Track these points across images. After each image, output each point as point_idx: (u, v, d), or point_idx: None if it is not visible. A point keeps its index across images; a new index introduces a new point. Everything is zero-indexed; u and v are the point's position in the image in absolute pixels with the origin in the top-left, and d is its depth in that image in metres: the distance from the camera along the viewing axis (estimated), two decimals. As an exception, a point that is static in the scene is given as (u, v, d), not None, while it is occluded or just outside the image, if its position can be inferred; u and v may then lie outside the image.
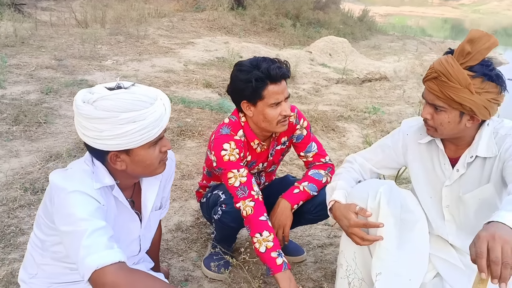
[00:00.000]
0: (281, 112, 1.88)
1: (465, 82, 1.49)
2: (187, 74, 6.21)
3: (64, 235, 1.31)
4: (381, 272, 1.59)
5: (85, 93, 1.35)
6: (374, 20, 15.75)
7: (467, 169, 1.67)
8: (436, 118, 1.59)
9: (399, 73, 8.25)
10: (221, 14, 11.25)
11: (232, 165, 1.91)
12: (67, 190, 1.31)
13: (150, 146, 1.39)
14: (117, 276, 1.23)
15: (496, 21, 26.75)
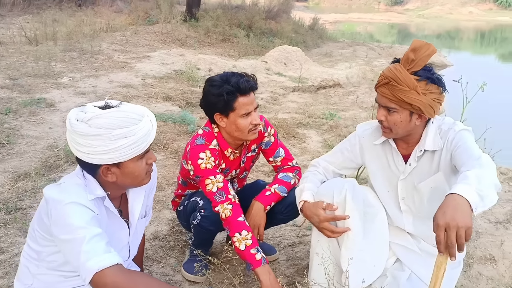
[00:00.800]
0: (252, 121, 2.04)
1: (412, 85, 1.71)
2: (145, 88, 6.25)
3: (63, 244, 1.41)
4: (352, 257, 1.77)
5: (78, 112, 1.46)
6: (325, 28, 16.25)
7: (418, 162, 1.89)
8: (390, 119, 1.80)
9: (351, 79, 8.61)
10: (175, 26, 11.32)
11: (209, 173, 2.04)
12: (64, 202, 1.41)
13: (138, 159, 1.53)
14: (117, 276, 1.36)
15: (440, 24, 28.16)
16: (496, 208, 2.81)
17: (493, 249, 2.43)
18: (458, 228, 1.34)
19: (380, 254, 1.94)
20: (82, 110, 1.47)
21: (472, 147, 1.71)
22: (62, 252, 1.47)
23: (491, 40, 22.46)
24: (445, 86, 1.81)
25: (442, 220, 1.37)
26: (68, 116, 1.47)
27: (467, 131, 1.80)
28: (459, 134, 1.78)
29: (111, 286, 1.36)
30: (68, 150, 3.57)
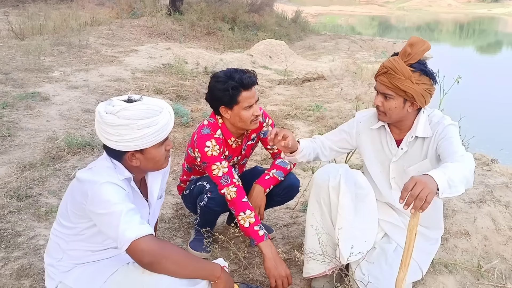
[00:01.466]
0: (253, 113, 2.27)
1: (408, 74, 1.96)
2: (136, 82, 6.39)
3: (101, 217, 1.61)
4: (342, 227, 2.01)
5: (105, 105, 1.66)
6: (307, 20, 16.48)
7: (409, 147, 2.13)
8: (386, 104, 2.04)
9: (334, 72, 8.87)
10: (160, 20, 11.42)
11: (214, 159, 2.27)
12: (100, 182, 1.61)
13: (159, 146, 1.73)
14: (151, 244, 1.59)
15: (419, 17, 28.71)
16: (471, 189, 3.07)
17: (467, 225, 2.70)
18: (424, 187, 1.58)
19: (370, 230, 2.17)
20: (109, 104, 1.67)
21: (457, 143, 1.96)
22: (99, 226, 1.66)
23: (469, 32, 23.04)
24: (436, 79, 2.06)
25: (412, 178, 1.62)
26: (97, 109, 1.67)
27: (454, 126, 2.05)
28: (447, 128, 2.02)
29: (146, 252, 1.57)
30: (69, 142, 3.74)
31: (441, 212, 2.35)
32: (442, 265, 2.41)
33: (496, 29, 26.01)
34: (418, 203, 1.58)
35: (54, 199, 2.99)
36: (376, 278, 2.00)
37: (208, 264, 1.77)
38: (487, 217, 2.77)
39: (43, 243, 2.52)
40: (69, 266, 1.81)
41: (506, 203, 2.93)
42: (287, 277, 2.17)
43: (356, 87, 7.03)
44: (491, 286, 2.34)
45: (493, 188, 3.08)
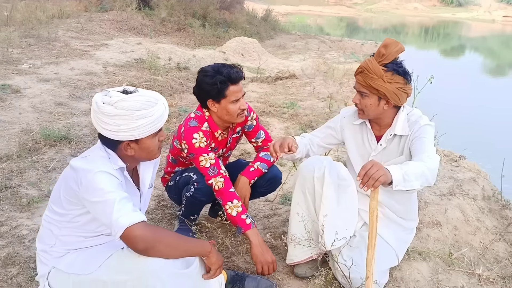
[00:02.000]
0: (240, 107, 2.33)
1: (379, 73, 2.07)
2: (108, 76, 6.34)
3: (95, 205, 1.64)
4: (327, 214, 2.10)
5: (102, 96, 1.69)
6: (277, 19, 16.59)
7: (388, 144, 2.25)
8: (362, 102, 2.15)
9: (306, 71, 9.02)
10: (130, 14, 11.28)
11: (202, 151, 2.32)
12: (94, 171, 1.64)
13: (153, 136, 1.78)
14: (144, 230, 1.63)
15: (386, 19, 29.38)
16: (441, 183, 3.25)
17: (438, 216, 2.85)
18: (378, 169, 1.75)
19: (351, 219, 2.28)
20: (106, 94, 1.70)
21: (427, 143, 2.09)
22: (93, 213, 1.69)
23: (434, 36, 23.78)
24: (410, 78, 2.17)
25: (371, 161, 1.80)
26: (94, 99, 1.70)
27: (430, 126, 2.17)
28: (422, 128, 2.15)
29: (140, 238, 1.61)
30: (45, 134, 3.69)
31: (416, 205, 2.48)
32: (416, 253, 2.54)
33: (459, 33, 26.98)
34: (370, 182, 1.76)
35: (34, 190, 2.96)
36: (357, 263, 2.10)
37: (198, 241, 1.87)
38: (457, 208, 2.94)
39: (27, 232, 2.51)
40: (62, 252, 1.83)
41: (474, 196, 3.11)
42: (272, 263, 2.27)
43: (328, 86, 7.18)
44: (461, 272, 2.49)
45: (461, 182, 3.26)
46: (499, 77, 14.76)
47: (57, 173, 3.24)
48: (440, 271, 2.47)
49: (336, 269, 2.23)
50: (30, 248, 2.38)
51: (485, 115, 8.57)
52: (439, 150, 3.92)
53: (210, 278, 1.88)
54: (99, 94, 1.72)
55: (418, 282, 2.37)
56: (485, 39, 24.77)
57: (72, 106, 4.80)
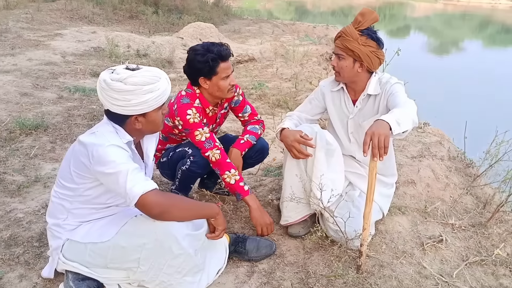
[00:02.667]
0: (230, 82, 2.44)
1: (355, 36, 2.28)
2: (69, 66, 6.22)
3: (109, 177, 1.72)
4: (324, 174, 2.27)
5: (109, 74, 1.76)
6: (229, 5, 16.58)
7: (363, 105, 2.44)
8: (339, 64, 2.36)
9: (264, 54, 9.12)
10: (80, 3, 11.00)
11: (197, 125, 2.41)
12: (105, 144, 1.72)
13: (158, 110, 1.87)
14: (158, 197, 1.74)
15: (334, 2, 29.96)
16: (411, 147, 3.50)
17: (412, 175, 3.10)
18: (379, 134, 1.90)
19: (339, 180, 2.45)
20: (113, 72, 1.77)
21: (402, 95, 2.29)
22: (106, 185, 1.77)
23: (381, 17, 24.49)
24: (382, 44, 2.37)
25: (369, 130, 1.93)
26: (102, 77, 1.76)
27: (399, 84, 2.38)
28: (394, 86, 2.36)
29: (154, 204, 1.71)
30: (20, 123, 3.64)
31: (394, 161, 2.69)
32: (396, 208, 2.77)
33: (404, 13, 27.96)
34: (381, 151, 1.89)
35: (21, 177, 2.96)
36: (347, 220, 2.28)
37: (207, 204, 2.02)
38: (428, 168, 3.19)
39: (22, 215, 2.53)
40: (74, 225, 1.90)
41: (441, 157, 3.38)
42: (270, 225, 2.44)
43: (289, 67, 7.35)
44: (437, 223, 2.74)
45: (429, 145, 3.53)
46: (443, 55, 15.51)
47: (40, 159, 3.23)
48: (418, 223, 2.70)
49: (328, 226, 2.40)
50: (29, 229, 2.40)
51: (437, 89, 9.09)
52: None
53: (214, 238, 2.02)
54: (104, 72, 1.79)
55: (401, 233, 2.59)
56: (429, 18, 25.79)
57: (38, 96, 4.71)
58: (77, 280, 1.88)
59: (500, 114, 7.08)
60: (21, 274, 2.08)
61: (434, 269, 2.34)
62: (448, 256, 2.46)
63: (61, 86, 5.18)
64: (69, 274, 1.91)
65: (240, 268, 2.23)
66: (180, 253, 1.83)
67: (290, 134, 2.35)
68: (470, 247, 2.57)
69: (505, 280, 2.33)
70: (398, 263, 2.34)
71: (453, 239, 2.60)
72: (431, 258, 2.43)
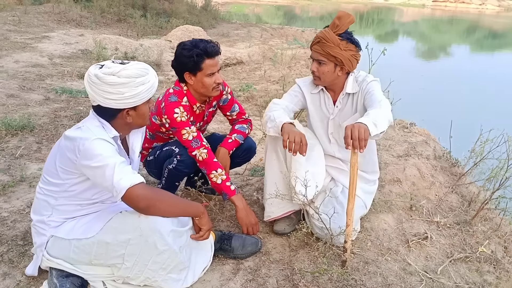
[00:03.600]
0: (215, 80, 2.43)
1: (336, 42, 2.29)
2: (56, 68, 6.18)
3: (96, 170, 1.72)
4: (308, 170, 2.27)
5: (98, 69, 1.76)
6: (218, 9, 16.62)
7: (342, 104, 2.47)
8: (320, 69, 2.37)
9: (252, 58, 9.15)
10: (68, 6, 10.94)
11: (184, 124, 2.41)
12: (91, 138, 1.71)
13: (147, 103, 1.88)
14: (145, 190, 1.75)
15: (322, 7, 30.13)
16: (397, 146, 3.54)
17: (398, 174, 3.13)
18: (359, 127, 1.94)
19: (319, 174, 2.45)
20: (102, 67, 1.77)
21: (377, 93, 2.33)
22: (92, 179, 1.76)
23: (369, 22, 24.73)
24: (360, 46, 2.41)
25: (347, 127, 1.97)
26: (91, 72, 1.76)
27: (376, 82, 2.41)
28: (370, 84, 2.39)
29: (141, 197, 1.72)
30: (6, 123, 3.61)
31: (375, 157, 2.70)
32: (381, 206, 2.79)
33: (392, 18, 28.22)
34: (361, 143, 1.94)
35: (6, 176, 2.93)
36: (332, 217, 2.29)
37: (193, 203, 2.02)
38: (414, 167, 3.23)
39: (7, 214, 2.50)
40: (59, 221, 1.89)
41: (427, 156, 3.42)
42: (256, 224, 2.45)
43: (277, 69, 7.39)
44: (422, 221, 2.77)
45: (415, 145, 3.57)
46: (431, 60, 15.66)
47: (26, 159, 3.20)
48: (403, 221, 2.73)
49: (312, 223, 2.41)
50: (14, 228, 2.38)
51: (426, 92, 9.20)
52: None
53: (198, 239, 2.02)
54: (92, 67, 1.79)
55: (386, 231, 2.61)
56: (417, 23, 26.04)
57: (25, 98, 4.67)
58: (61, 277, 1.87)
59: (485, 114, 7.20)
60: (5, 272, 2.06)
61: (419, 265, 2.36)
62: (433, 253, 2.49)
63: (48, 88, 5.15)
64: (53, 271, 1.90)
65: (226, 265, 2.23)
66: (165, 249, 1.83)
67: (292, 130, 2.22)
68: (455, 244, 2.60)
69: (489, 277, 2.36)
70: (383, 260, 2.36)
71: (438, 237, 2.63)
72: (416, 255, 2.46)
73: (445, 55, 17.15)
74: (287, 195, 2.38)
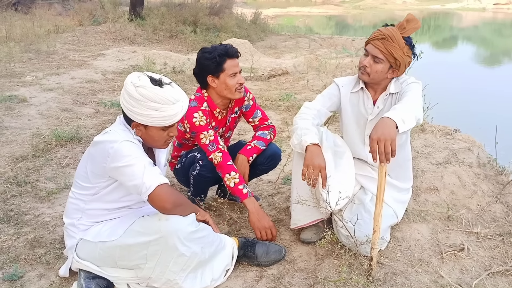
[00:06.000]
0: (238, 81, 2.50)
1: (402, 45, 2.26)
2: (108, 83, 6.51)
3: (125, 169, 1.81)
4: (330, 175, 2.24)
5: (134, 77, 1.86)
6: (266, 21, 16.79)
7: (384, 105, 2.41)
8: (374, 67, 2.31)
9: (298, 68, 9.17)
10: (122, 25, 11.48)
11: (202, 128, 2.49)
12: (119, 140, 1.82)
13: (161, 129, 1.93)
14: (170, 190, 1.85)
15: (375, 15, 29.58)
16: (436, 154, 3.41)
17: (436, 182, 3.01)
18: (385, 140, 1.89)
19: (348, 183, 2.41)
20: (138, 76, 1.86)
21: (413, 92, 2.25)
22: (121, 179, 1.86)
23: (425, 28, 23.97)
24: (416, 56, 2.38)
25: (374, 135, 1.92)
26: (128, 77, 1.86)
27: (416, 83, 2.35)
28: (410, 85, 2.33)
29: (168, 196, 1.82)
30: (56, 135, 3.88)
31: (409, 164, 2.62)
32: (415, 215, 2.70)
33: (450, 24, 27.21)
34: (388, 157, 1.91)
35: (51, 184, 3.14)
36: (358, 224, 2.25)
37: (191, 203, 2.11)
38: (453, 175, 3.10)
39: (49, 219, 2.69)
40: (88, 225, 2.00)
41: (469, 164, 3.27)
42: (270, 228, 2.43)
43: (321, 79, 7.35)
44: (460, 231, 2.64)
45: (457, 152, 3.42)
46: (495, 66, 14.90)
47: (71, 168, 3.40)
48: (439, 231, 2.62)
49: (339, 231, 2.38)
50: (54, 232, 2.55)
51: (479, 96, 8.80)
52: (434, 126, 4.09)
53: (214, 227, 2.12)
54: (133, 73, 1.89)
55: (419, 241, 2.52)
56: (477, 28, 24.95)
57: (77, 111, 4.95)
58: (88, 278, 1.98)
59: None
60: (41, 273, 2.20)
61: (452, 278, 2.26)
62: (469, 266, 2.37)
63: (99, 102, 5.43)
64: (82, 272, 2.01)
65: (249, 272, 2.25)
66: (185, 250, 1.89)
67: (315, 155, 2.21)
68: (495, 257, 2.46)
69: (531, 291, 2.22)
70: (413, 271, 2.28)
71: (476, 248, 2.51)
72: (450, 267, 2.35)
73: (510, 60, 16.25)
74: (309, 200, 2.34)
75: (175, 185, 3.16)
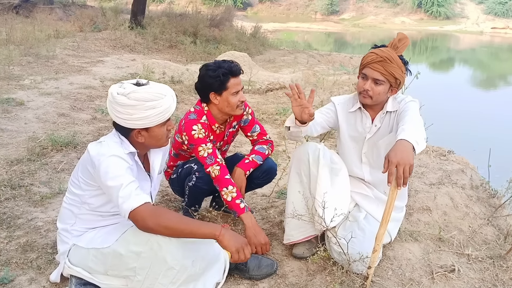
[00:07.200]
0: (240, 99, 2.52)
1: (400, 64, 2.30)
2: (106, 90, 6.51)
3: (107, 189, 1.82)
4: (327, 191, 2.26)
5: (117, 87, 1.87)
6: (266, 36, 16.90)
7: (381, 123, 2.44)
8: (376, 89, 2.33)
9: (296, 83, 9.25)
10: (123, 33, 11.54)
11: (200, 141, 2.51)
12: (107, 154, 1.82)
13: (161, 126, 1.95)
14: (145, 212, 1.78)
15: (374, 33, 29.80)
16: (430, 174, 3.45)
17: (428, 202, 3.04)
18: (405, 165, 1.89)
19: (344, 200, 2.43)
20: (120, 86, 1.88)
21: (412, 111, 2.28)
22: (106, 194, 1.86)
23: (422, 49, 24.17)
24: (410, 71, 2.43)
25: (394, 158, 1.91)
26: (110, 90, 1.88)
27: (414, 102, 2.38)
28: (408, 104, 2.36)
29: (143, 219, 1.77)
30: (52, 139, 3.87)
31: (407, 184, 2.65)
32: (407, 235, 2.72)
33: (448, 45, 27.47)
34: (405, 181, 1.91)
35: (46, 188, 3.14)
36: (351, 241, 2.26)
37: (208, 224, 1.92)
38: (446, 196, 3.13)
39: (42, 224, 2.68)
40: (81, 231, 2.00)
41: (462, 185, 3.31)
42: (265, 244, 2.45)
43: (318, 95, 7.40)
44: (451, 252, 2.66)
45: (450, 173, 3.46)
46: (490, 89, 15.02)
47: (66, 173, 3.40)
48: (430, 251, 2.64)
49: (332, 248, 2.39)
50: (46, 237, 2.54)
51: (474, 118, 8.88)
52: (429, 147, 4.13)
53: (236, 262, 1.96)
54: (114, 85, 1.90)
55: (410, 261, 2.53)
56: (474, 51, 25.22)
57: (74, 117, 4.96)
58: (79, 284, 1.97)
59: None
60: (32, 277, 2.19)
61: (442, 298, 2.27)
62: (459, 287, 2.38)
63: (96, 108, 5.44)
64: (73, 278, 2.00)
65: (240, 285, 2.25)
66: (175, 263, 1.87)
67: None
68: (485, 279, 2.47)
69: (520, 315, 2.23)
70: (403, 290, 2.29)
71: (467, 270, 2.52)
72: (440, 287, 2.36)
73: (506, 85, 16.40)
74: (304, 216, 2.36)
75: (169, 195, 3.17)
